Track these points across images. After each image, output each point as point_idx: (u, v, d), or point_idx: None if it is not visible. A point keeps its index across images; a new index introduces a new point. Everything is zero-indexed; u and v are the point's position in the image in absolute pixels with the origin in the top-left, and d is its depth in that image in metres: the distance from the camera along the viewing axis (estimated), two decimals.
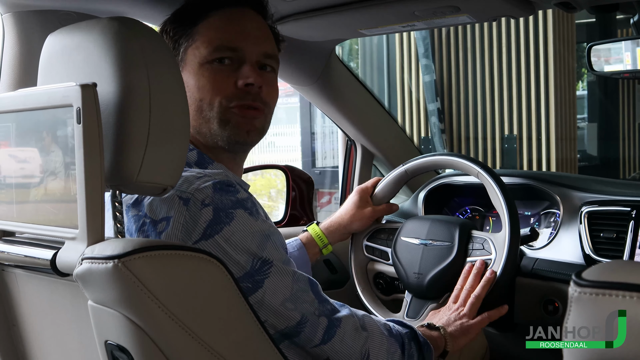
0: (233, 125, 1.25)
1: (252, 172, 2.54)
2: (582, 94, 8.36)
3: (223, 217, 1.10)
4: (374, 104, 2.32)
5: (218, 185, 1.12)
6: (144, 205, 1.14)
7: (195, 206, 1.09)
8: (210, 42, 1.25)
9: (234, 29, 1.27)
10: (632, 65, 1.72)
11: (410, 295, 1.76)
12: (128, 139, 1.00)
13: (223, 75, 1.25)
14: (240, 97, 1.25)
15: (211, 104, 1.24)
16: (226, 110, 1.25)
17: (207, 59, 1.25)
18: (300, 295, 1.18)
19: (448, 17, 1.61)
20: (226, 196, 1.11)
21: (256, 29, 1.30)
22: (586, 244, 1.75)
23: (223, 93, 1.24)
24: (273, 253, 1.15)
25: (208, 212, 1.09)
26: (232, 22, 1.27)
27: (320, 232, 1.79)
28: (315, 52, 2.02)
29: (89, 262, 0.95)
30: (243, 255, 1.11)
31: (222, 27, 1.27)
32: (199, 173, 1.15)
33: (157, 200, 1.12)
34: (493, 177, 1.68)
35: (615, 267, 0.67)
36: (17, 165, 1.14)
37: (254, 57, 1.27)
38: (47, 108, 1.02)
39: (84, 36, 1.05)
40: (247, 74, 1.25)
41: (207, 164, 1.23)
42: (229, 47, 1.25)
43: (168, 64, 1.05)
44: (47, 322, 1.20)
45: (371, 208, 1.86)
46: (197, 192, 1.10)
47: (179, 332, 0.96)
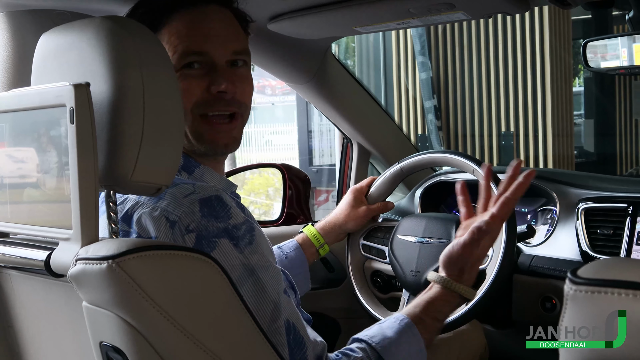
0: (208, 140, 1.22)
1: (249, 171, 2.54)
2: (578, 90, 8.37)
3: (205, 245, 1.07)
4: (370, 102, 2.32)
5: (206, 207, 1.08)
6: (133, 220, 1.12)
7: (180, 231, 1.07)
8: (176, 49, 1.20)
9: (198, 32, 1.21)
10: (629, 62, 1.72)
11: (408, 294, 1.75)
12: (122, 139, 0.99)
13: (194, 82, 1.20)
14: (212, 105, 1.21)
15: (186, 111, 1.19)
16: (199, 123, 1.21)
17: (175, 67, 1.18)
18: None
19: (443, 14, 1.61)
20: (214, 222, 1.08)
21: (222, 28, 1.24)
22: (583, 240, 1.75)
23: (193, 100, 1.20)
24: (251, 291, 1.10)
25: (191, 238, 1.07)
26: (195, 24, 1.21)
27: (317, 232, 1.79)
28: (310, 50, 2.02)
29: (83, 262, 0.94)
30: None
31: (186, 32, 1.21)
32: (186, 189, 1.11)
33: (146, 217, 1.10)
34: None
35: (610, 264, 0.67)
36: (11, 166, 1.13)
37: (223, 59, 1.22)
38: (41, 108, 1.02)
39: (78, 35, 1.05)
40: (219, 80, 1.21)
41: (193, 167, 1.21)
42: (195, 52, 1.20)
43: (162, 63, 1.04)
44: (42, 324, 1.20)
45: (366, 207, 1.85)
46: (185, 216, 1.07)
47: (174, 332, 0.95)
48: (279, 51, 1.96)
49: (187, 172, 1.20)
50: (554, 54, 5.86)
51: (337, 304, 2.16)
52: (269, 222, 2.30)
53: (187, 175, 1.19)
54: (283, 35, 1.83)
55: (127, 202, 1.16)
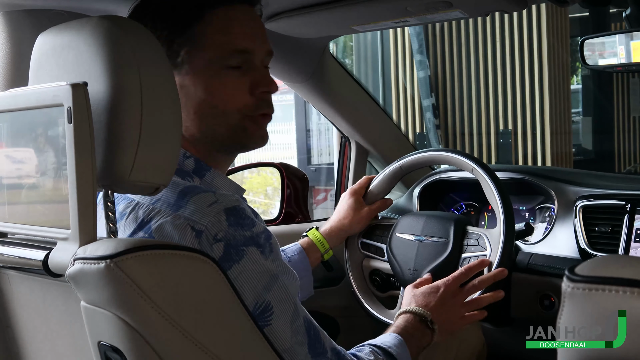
0: (249, 134, 1.22)
1: (248, 170, 2.53)
2: (576, 88, 8.37)
3: (233, 254, 1.07)
4: (368, 100, 2.32)
5: (232, 216, 1.08)
6: (152, 229, 1.10)
7: (208, 240, 1.06)
8: (222, 47, 1.18)
9: (242, 30, 1.20)
10: (626, 59, 1.71)
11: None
12: (120, 138, 0.99)
13: (237, 82, 1.20)
14: (258, 107, 1.21)
15: (226, 112, 1.19)
16: (244, 119, 1.21)
17: (219, 64, 1.18)
18: (295, 348, 1.13)
19: (440, 12, 1.61)
20: (240, 231, 1.08)
21: (260, 27, 1.25)
22: (581, 238, 1.75)
23: (240, 102, 1.20)
24: (278, 296, 1.11)
25: (219, 247, 1.06)
26: (237, 22, 1.20)
27: (321, 236, 1.78)
28: (308, 49, 2.01)
29: (81, 262, 0.94)
30: (248, 295, 1.08)
31: (229, 29, 1.19)
32: (209, 198, 1.10)
33: (168, 226, 1.08)
34: (487, 172, 1.68)
35: (608, 261, 0.67)
36: (9, 166, 1.13)
37: (260, 58, 1.23)
38: (38, 108, 1.02)
39: (75, 35, 1.05)
40: (265, 81, 1.21)
41: (204, 171, 1.20)
42: (241, 51, 1.20)
43: (159, 62, 1.04)
44: (41, 324, 1.20)
45: (367, 209, 1.85)
46: (211, 225, 1.06)
47: (173, 332, 0.95)
48: (276, 50, 1.93)
49: (198, 176, 1.19)
50: (552, 52, 5.87)
51: (335, 302, 2.16)
52: (267, 221, 2.29)
53: (199, 180, 1.18)
54: (281, 34, 1.83)
55: (138, 207, 1.14)
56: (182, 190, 1.12)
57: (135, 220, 1.13)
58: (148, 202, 1.14)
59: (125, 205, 1.16)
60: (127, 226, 1.14)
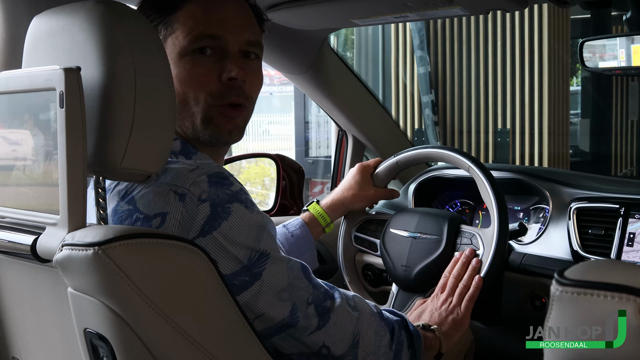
0: (215, 124, 1.22)
1: (246, 160, 2.53)
2: (576, 90, 8.36)
3: (220, 212, 1.07)
4: (366, 95, 2.31)
5: (213, 178, 1.09)
6: (135, 199, 1.10)
7: (192, 202, 1.06)
8: (190, 31, 1.19)
9: (215, 17, 1.21)
10: (627, 62, 1.71)
11: (397, 288, 1.75)
12: (112, 125, 0.98)
13: (206, 68, 1.20)
14: (223, 94, 1.21)
15: (196, 99, 1.20)
16: (210, 108, 1.21)
17: (187, 49, 1.19)
18: (295, 283, 1.15)
19: (441, 9, 1.60)
20: (222, 190, 1.08)
21: (238, 16, 1.24)
22: (574, 240, 1.75)
23: (207, 88, 1.20)
24: (269, 244, 1.13)
25: (205, 207, 1.06)
26: (212, 9, 1.21)
27: (322, 210, 1.78)
28: (307, 41, 2.00)
29: (69, 248, 0.93)
30: (241, 249, 1.09)
31: (202, 15, 1.20)
32: (190, 165, 1.11)
33: (150, 194, 1.09)
34: (483, 171, 1.68)
35: (598, 266, 0.66)
36: (1, 148, 1.12)
37: (236, 47, 1.22)
38: (30, 91, 1.01)
39: (70, 19, 1.03)
40: (231, 67, 1.20)
41: (191, 154, 1.20)
42: (210, 35, 1.20)
43: (155, 48, 1.03)
44: (29, 308, 1.19)
45: (374, 190, 1.85)
46: (193, 187, 1.07)
47: (159, 321, 0.94)
48: (275, 41, 1.94)
49: (185, 157, 1.19)
50: (552, 53, 5.86)
51: None
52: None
53: (184, 158, 1.18)
54: (280, 25, 1.82)
55: (121, 183, 1.14)
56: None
57: (118, 193, 1.13)
58: None
59: (110, 181, 1.16)
60: (111, 200, 1.13)
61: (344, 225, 1.90)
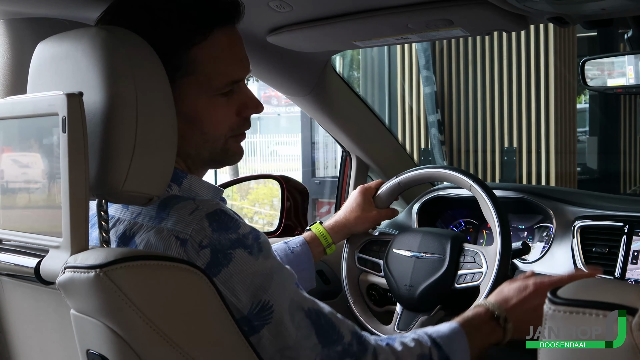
0: (232, 153, 1.24)
1: (254, 181, 2.54)
2: (583, 107, 8.36)
3: (221, 258, 1.06)
4: (369, 115, 2.32)
5: (215, 221, 1.07)
6: (136, 243, 1.10)
7: (193, 248, 1.06)
8: (219, 76, 1.17)
9: (235, 57, 1.20)
10: (635, 80, 1.70)
11: (402, 308, 1.75)
12: (114, 149, 1.00)
13: (227, 106, 1.20)
14: (240, 127, 1.24)
15: (217, 137, 1.20)
16: (228, 140, 1.23)
17: (215, 93, 1.18)
18: (300, 342, 1.11)
19: (441, 30, 1.61)
20: (225, 234, 1.07)
21: (243, 49, 1.23)
22: (578, 258, 1.75)
23: (229, 125, 1.21)
24: (277, 292, 1.10)
25: (205, 254, 1.06)
26: (230, 48, 1.19)
27: (325, 231, 1.78)
28: (309, 63, 2.02)
29: (72, 271, 0.94)
30: (241, 299, 1.07)
31: (224, 56, 1.18)
32: (191, 206, 1.09)
33: (152, 239, 1.08)
34: (485, 190, 1.68)
35: (591, 285, 0.67)
36: (4, 173, 1.14)
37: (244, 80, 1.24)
38: (33, 116, 1.03)
39: (73, 45, 1.06)
40: (252, 103, 1.23)
41: (181, 178, 1.18)
42: (236, 81, 1.20)
43: (155, 74, 1.05)
44: (33, 330, 1.20)
45: (376, 212, 1.85)
46: (195, 234, 1.06)
47: (161, 343, 0.95)
48: (278, 63, 1.96)
49: (176, 183, 1.18)
50: (558, 71, 5.87)
51: None
52: (267, 233, 2.30)
53: (177, 187, 1.18)
54: (282, 47, 1.84)
55: (119, 223, 1.14)
56: (162, 202, 1.12)
57: (115, 234, 1.13)
58: (129, 217, 1.14)
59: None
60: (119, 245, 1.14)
61: (347, 247, 1.90)
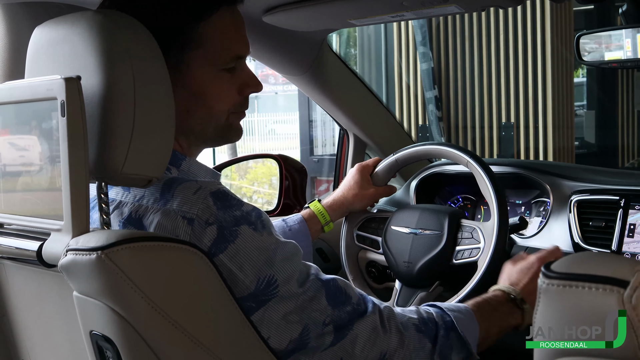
0: (235, 130, 1.26)
1: (253, 160, 2.55)
2: (581, 81, 8.35)
3: (227, 235, 1.08)
4: (366, 93, 2.32)
5: (218, 200, 1.09)
6: (144, 225, 1.11)
7: (200, 226, 1.07)
8: (225, 51, 1.19)
9: (240, 34, 1.22)
10: (633, 53, 1.70)
11: (400, 284, 1.77)
12: (113, 131, 1.00)
13: (230, 83, 1.22)
14: (242, 105, 1.25)
15: (220, 112, 1.22)
16: (230, 117, 1.24)
17: (220, 67, 1.20)
18: (307, 305, 1.13)
19: (436, 7, 1.61)
20: (230, 212, 1.09)
21: (245, 30, 1.25)
22: (575, 232, 1.76)
23: (232, 102, 1.23)
24: (282, 267, 1.11)
25: (212, 231, 1.07)
26: (237, 25, 1.22)
27: (323, 208, 1.80)
28: (306, 42, 2.02)
29: (73, 253, 0.96)
30: (248, 274, 1.08)
31: (231, 33, 1.20)
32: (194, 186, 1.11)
33: (162, 219, 1.09)
34: (482, 166, 1.69)
35: (585, 258, 0.68)
36: (4, 157, 1.15)
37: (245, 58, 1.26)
38: (32, 101, 1.03)
39: (70, 29, 1.06)
40: (253, 82, 1.24)
41: (180, 160, 1.19)
42: (240, 57, 1.22)
43: (153, 56, 1.05)
44: (36, 313, 1.22)
45: (374, 189, 1.87)
46: (201, 212, 1.08)
47: (163, 323, 0.97)
48: (274, 43, 1.96)
49: (174, 166, 1.19)
50: (555, 46, 5.85)
51: None
52: (266, 212, 2.31)
53: (176, 169, 1.19)
54: (278, 27, 1.84)
55: (122, 205, 1.15)
56: (165, 184, 1.13)
57: (120, 215, 1.14)
58: (132, 200, 1.15)
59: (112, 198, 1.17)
60: (115, 219, 1.15)
61: (346, 225, 1.92)
